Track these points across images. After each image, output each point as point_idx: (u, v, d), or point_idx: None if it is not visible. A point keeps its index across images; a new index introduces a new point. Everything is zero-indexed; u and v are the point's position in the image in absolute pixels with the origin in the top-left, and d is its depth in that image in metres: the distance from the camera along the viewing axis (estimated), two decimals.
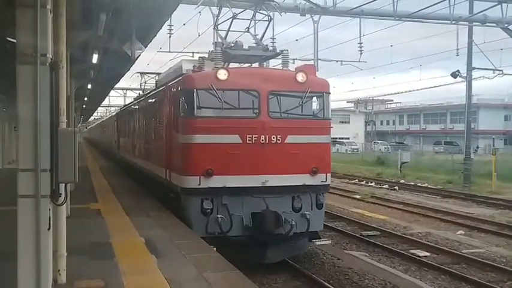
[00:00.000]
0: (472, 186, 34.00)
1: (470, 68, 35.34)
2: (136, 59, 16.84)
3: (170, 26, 29.39)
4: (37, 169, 6.68)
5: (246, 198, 13.42)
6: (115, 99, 58.81)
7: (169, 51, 31.82)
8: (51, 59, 6.92)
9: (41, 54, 6.65)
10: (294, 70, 14.92)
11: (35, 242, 6.70)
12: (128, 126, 28.18)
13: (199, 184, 13.23)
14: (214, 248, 11.38)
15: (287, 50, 15.23)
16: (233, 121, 13.52)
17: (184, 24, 31.25)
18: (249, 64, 16.21)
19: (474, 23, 30.03)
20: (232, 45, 15.04)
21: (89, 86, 26.27)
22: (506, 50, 34.50)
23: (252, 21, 16.43)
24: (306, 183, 13.87)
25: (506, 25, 29.09)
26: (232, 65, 15.94)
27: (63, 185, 7.37)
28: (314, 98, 14.64)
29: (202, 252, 10.68)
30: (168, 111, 15.75)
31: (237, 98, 13.76)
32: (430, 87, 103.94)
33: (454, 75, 35.49)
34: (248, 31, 16.44)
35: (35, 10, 6.60)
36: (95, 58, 16.48)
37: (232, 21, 15.89)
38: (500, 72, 33.24)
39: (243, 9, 16.56)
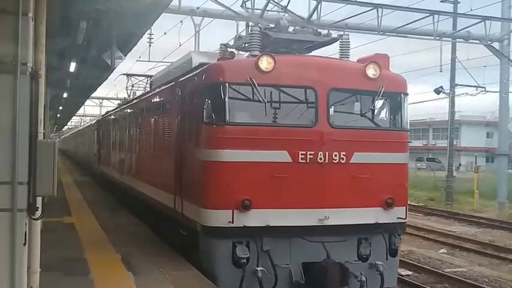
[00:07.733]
0: (454, 203, 34.19)
1: (453, 85, 35.64)
2: (115, 68, 16.49)
3: (150, 34, 29.11)
4: (14, 182, 6.42)
5: (297, 242, 9.91)
6: (90, 109, 58.47)
7: (149, 61, 31.51)
8: (32, 68, 6.70)
9: (21, 63, 6.42)
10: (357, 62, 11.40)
11: (10, 258, 6.44)
12: (114, 136, 23.46)
13: (232, 222, 9.48)
14: None
15: (347, 34, 11.65)
16: (280, 130, 10.00)
17: (165, 34, 30.96)
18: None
19: (457, 40, 30.35)
20: (273, 25, 11.59)
21: (65, 95, 25.86)
22: (489, 67, 34.80)
23: None
24: (379, 221, 10.38)
25: (489, 42, 29.41)
26: None
27: (40, 198, 7.12)
28: (387, 101, 11.09)
29: (181, 270, 10.37)
30: (180, 116, 11.79)
31: (285, 98, 10.33)
32: (413, 103, 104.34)
33: (437, 91, 35.67)
34: (286, 10, 13.44)
35: (16, 18, 6.38)
36: (72, 66, 15.99)
37: None
38: (483, 89, 33.40)
39: None
